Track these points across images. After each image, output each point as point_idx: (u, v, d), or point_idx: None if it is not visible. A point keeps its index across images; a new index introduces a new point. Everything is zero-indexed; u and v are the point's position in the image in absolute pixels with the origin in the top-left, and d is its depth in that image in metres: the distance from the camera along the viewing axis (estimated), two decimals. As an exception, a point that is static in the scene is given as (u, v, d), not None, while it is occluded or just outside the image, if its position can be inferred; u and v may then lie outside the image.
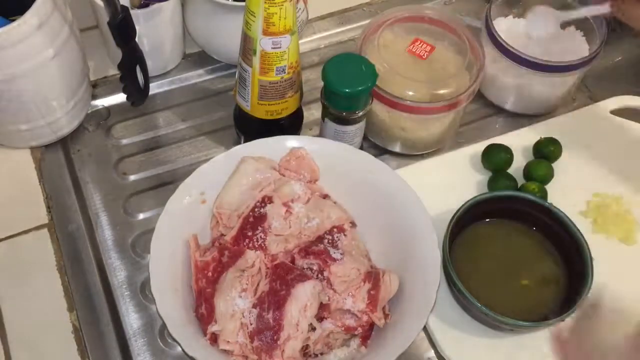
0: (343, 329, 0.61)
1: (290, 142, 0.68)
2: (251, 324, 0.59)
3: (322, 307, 0.60)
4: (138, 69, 0.74)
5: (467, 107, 0.75)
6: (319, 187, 0.69)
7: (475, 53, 0.72)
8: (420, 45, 0.73)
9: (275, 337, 0.58)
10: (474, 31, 0.74)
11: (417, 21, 0.75)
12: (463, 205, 0.64)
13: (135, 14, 0.71)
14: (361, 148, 0.73)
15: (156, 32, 0.76)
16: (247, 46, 0.64)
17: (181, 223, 0.64)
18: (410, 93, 0.69)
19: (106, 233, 0.70)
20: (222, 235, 0.65)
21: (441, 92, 0.70)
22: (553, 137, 0.75)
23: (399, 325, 0.60)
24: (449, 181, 0.73)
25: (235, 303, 0.59)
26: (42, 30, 0.63)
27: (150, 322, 0.65)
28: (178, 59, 0.83)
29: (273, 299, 0.59)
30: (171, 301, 0.59)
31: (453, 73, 0.71)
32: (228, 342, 0.58)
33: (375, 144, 0.78)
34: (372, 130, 0.76)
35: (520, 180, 0.73)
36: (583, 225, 0.66)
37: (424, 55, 0.72)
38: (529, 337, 0.64)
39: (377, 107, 0.72)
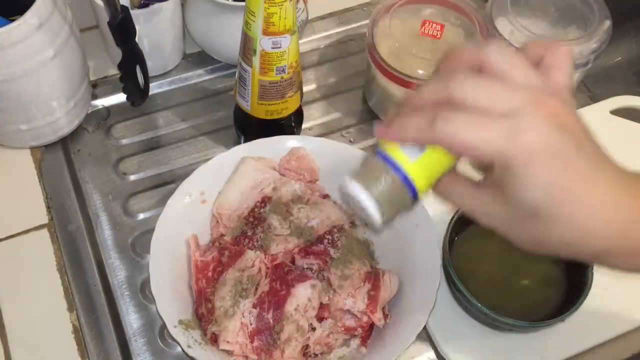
0: (343, 329, 0.61)
1: (290, 142, 0.68)
2: (251, 324, 0.59)
3: (322, 307, 0.60)
4: (138, 69, 0.74)
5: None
6: (319, 187, 0.69)
7: (483, 33, 0.73)
8: (430, 26, 0.73)
9: (275, 337, 0.58)
10: (482, 13, 0.75)
11: (426, 2, 0.76)
12: (463, 205, 0.64)
13: (135, 14, 0.71)
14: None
15: (156, 32, 0.76)
16: (247, 46, 0.64)
17: (181, 223, 0.64)
18: (421, 72, 0.70)
19: (106, 233, 0.70)
20: (222, 235, 0.65)
21: None
22: (553, 137, 0.75)
23: (399, 325, 0.60)
24: (449, 181, 0.73)
25: (235, 303, 0.59)
26: (42, 30, 0.63)
27: (150, 322, 0.65)
28: (178, 59, 0.83)
29: (273, 299, 0.59)
30: (171, 301, 0.59)
31: None
32: (228, 342, 0.58)
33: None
34: (384, 109, 0.78)
35: (521, 180, 0.73)
36: (583, 225, 0.66)
37: (437, 34, 0.73)
38: (529, 337, 0.64)
39: (390, 86, 0.73)
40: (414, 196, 0.43)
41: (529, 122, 0.38)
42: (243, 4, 0.62)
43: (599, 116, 0.78)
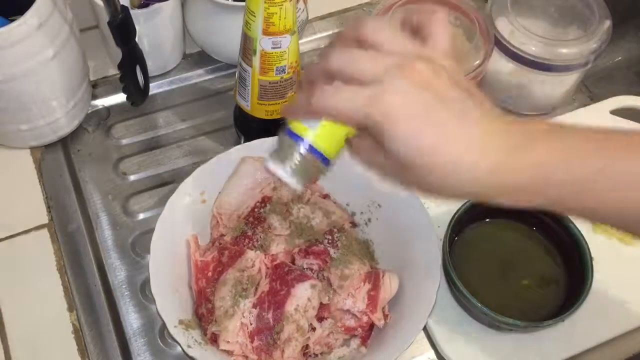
0: (343, 329, 0.61)
1: (290, 142, 0.68)
2: (251, 324, 0.59)
3: (322, 307, 0.60)
4: (138, 69, 0.74)
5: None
6: (319, 187, 0.69)
7: (483, 33, 0.72)
8: None
9: (275, 337, 0.58)
10: (482, 13, 0.75)
11: (426, 2, 0.75)
12: (463, 205, 0.64)
13: (135, 14, 0.71)
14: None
15: (156, 32, 0.76)
16: (247, 46, 0.64)
17: (181, 223, 0.64)
18: None
19: (106, 233, 0.70)
20: (222, 235, 0.65)
21: None
22: (553, 137, 0.75)
23: (399, 325, 0.60)
24: (449, 181, 0.73)
25: (235, 303, 0.59)
26: (42, 30, 0.63)
27: (150, 322, 0.65)
28: (178, 59, 0.83)
29: (273, 299, 0.59)
30: (171, 301, 0.59)
31: (462, 52, 0.72)
32: (228, 342, 0.58)
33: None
34: None
35: (520, 180, 0.73)
36: (583, 225, 0.66)
37: None
38: (529, 337, 0.64)
39: None
40: (324, 161, 0.47)
41: (389, 85, 0.42)
42: (243, 4, 0.62)
43: (599, 116, 0.79)
